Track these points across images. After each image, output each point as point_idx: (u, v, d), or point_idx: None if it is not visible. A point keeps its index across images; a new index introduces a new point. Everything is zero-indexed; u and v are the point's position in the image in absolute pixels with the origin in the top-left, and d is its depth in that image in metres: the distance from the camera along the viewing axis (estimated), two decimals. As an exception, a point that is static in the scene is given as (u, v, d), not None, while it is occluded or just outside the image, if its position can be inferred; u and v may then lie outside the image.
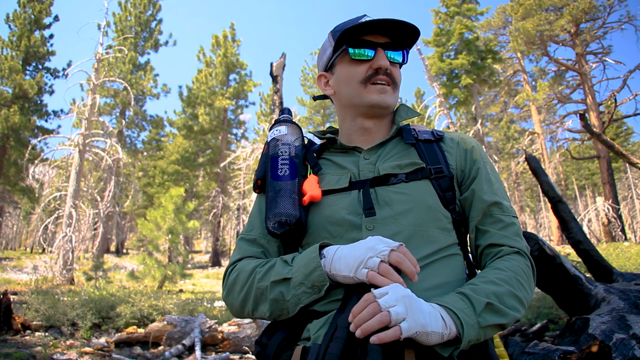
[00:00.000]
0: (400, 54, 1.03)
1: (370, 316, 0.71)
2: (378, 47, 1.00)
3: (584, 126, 5.62)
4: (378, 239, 0.82)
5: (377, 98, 1.00)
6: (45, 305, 5.36)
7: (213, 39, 26.15)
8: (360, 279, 0.79)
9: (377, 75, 1.00)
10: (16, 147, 18.62)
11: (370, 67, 1.00)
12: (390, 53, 1.01)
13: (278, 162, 1.00)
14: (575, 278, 3.01)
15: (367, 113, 1.04)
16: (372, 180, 0.97)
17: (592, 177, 33.99)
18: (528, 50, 21.70)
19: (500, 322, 0.81)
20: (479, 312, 0.79)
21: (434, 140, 1.05)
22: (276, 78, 6.68)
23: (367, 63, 1.00)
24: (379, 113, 1.04)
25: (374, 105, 1.01)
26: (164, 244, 11.39)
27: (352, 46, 1.00)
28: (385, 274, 0.77)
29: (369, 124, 1.06)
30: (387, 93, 1.01)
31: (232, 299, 0.95)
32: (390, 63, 1.00)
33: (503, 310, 0.82)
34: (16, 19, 19.52)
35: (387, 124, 1.08)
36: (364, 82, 1.01)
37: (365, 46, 1.00)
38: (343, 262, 0.81)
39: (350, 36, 1.00)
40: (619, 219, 18.95)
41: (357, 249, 0.81)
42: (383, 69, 0.99)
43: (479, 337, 0.79)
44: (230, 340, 4.57)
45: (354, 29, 0.98)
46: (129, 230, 37.00)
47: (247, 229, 1.05)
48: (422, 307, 0.74)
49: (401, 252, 0.79)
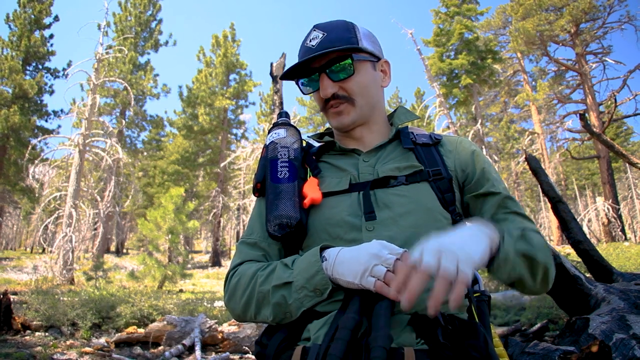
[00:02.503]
0: (348, 63, 1.01)
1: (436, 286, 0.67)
2: (320, 73, 1.02)
3: (584, 126, 5.62)
4: (381, 245, 0.81)
5: (335, 123, 1.06)
6: (45, 305, 5.36)
7: (213, 39, 26.15)
8: (366, 287, 0.78)
9: (328, 103, 1.04)
10: (16, 147, 18.63)
11: (321, 99, 1.05)
12: (336, 68, 1.01)
13: (277, 165, 1.00)
14: (576, 278, 3.01)
15: (340, 132, 1.09)
16: (372, 183, 0.97)
17: (592, 177, 34.01)
18: (528, 50, 21.71)
19: (532, 253, 0.86)
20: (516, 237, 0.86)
21: (431, 144, 1.06)
22: (276, 78, 6.67)
23: (319, 91, 1.04)
24: (347, 129, 1.07)
25: (337, 128, 1.07)
26: (164, 244, 11.39)
27: (302, 77, 1.06)
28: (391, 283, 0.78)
29: (352, 133, 1.09)
30: (343, 114, 1.03)
31: (234, 303, 0.95)
32: (340, 81, 1.02)
33: (534, 244, 0.87)
34: (16, 19, 19.53)
35: (379, 127, 1.10)
36: (323, 110, 1.07)
37: (311, 73, 1.04)
38: (346, 267, 0.81)
39: (299, 67, 1.04)
40: (619, 219, 18.96)
41: (361, 254, 0.81)
42: (330, 97, 1.03)
43: (511, 261, 0.83)
44: (230, 340, 4.57)
45: (297, 65, 1.03)
46: (129, 230, 37.01)
47: (247, 233, 1.05)
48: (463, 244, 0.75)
49: (404, 261, 0.79)
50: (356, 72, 1.03)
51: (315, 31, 1.03)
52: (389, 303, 0.77)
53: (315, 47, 1.00)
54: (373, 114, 1.09)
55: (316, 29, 1.03)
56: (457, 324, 0.82)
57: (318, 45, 1.00)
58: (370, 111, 1.07)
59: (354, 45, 1.01)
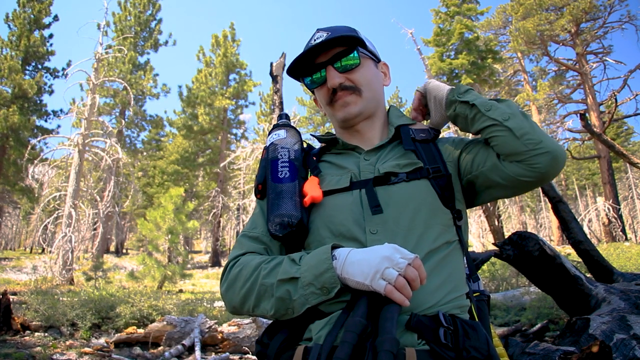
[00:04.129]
0: (353, 55, 1.05)
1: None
2: (327, 65, 1.05)
3: (585, 126, 5.61)
4: (394, 248, 0.81)
5: (342, 114, 1.06)
6: (45, 305, 5.35)
7: (213, 38, 26.14)
8: (377, 289, 0.78)
9: (335, 94, 1.06)
10: (16, 147, 18.62)
11: (328, 89, 1.06)
12: (343, 61, 1.05)
13: (278, 165, 1.01)
14: (576, 278, 3.00)
15: (345, 126, 1.10)
16: (374, 180, 0.98)
17: (592, 177, 34.03)
18: (528, 50, 21.72)
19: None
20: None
21: (430, 140, 1.07)
22: (276, 78, 6.67)
23: (325, 85, 1.07)
24: (353, 122, 1.08)
25: (345, 120, 1.07)
26: (164, 244, 11.38)
27: (306, 75, 1.09)
28: (401, 288, 0.77)
29: (356, 127, 1.10)
30: (351, 104, 1.05)
31: (233, 293, 0.94)
32: (346, 72, 1.05)
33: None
34: (16, 18, 19.52)
35: (379, 124, 1.11)
36: (329, 103, 1.08)
37: (317, 69, 1.07)
38: (357, 268, 0.80)
39: (304, 64, 1.08)
40: (619, 219, 18.96)
41: (372, 256, 0.80)
42: (337, 87, 1.05)
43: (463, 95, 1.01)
44: (230, 340, 4.56)
45: (303, 60, 1.06)
46: (128, 230, 37.00)
47: (250, 227, 1.05)
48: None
49: (415, 267, 0.79)
50: (362, 64, 1.06)
51: (319, 32, 1.06)
52: (397, 308, 0.77)
53: (320, 43, 1.02)
54: (377, 110, 1.11)
55: (320, 31, 1.07)
56: (458, 325, 0.81)
57: (323, 42, 1.02)
58: (375, 106, 1.09)
59: (359, 39, 1.05)
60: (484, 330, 0.84)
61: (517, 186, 0.96)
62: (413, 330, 0.80)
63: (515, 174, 0.93)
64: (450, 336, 0.79)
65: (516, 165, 0.92)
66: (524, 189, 0.97)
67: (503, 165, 0.94)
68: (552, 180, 1.58)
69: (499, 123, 0.94)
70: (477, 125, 0.98)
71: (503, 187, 0.98)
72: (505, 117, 0.94)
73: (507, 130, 0.92)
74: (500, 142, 0.94)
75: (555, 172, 0.92)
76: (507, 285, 7.38)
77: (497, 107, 0.96)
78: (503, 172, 0.95)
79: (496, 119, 0.94)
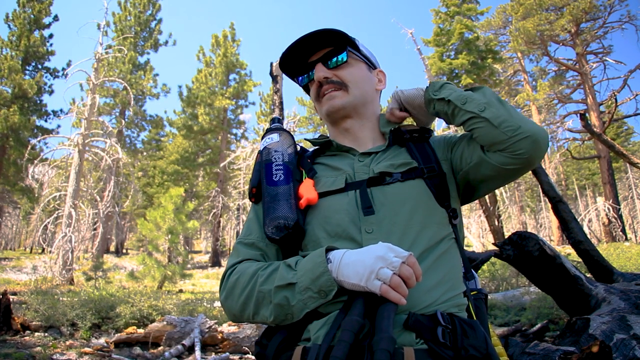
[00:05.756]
0: (343, 55, 1.08)
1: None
2: (317, 63, 1.08)
3: (585, 126, 5.60)
4: (388, 247, 0.81)
5: (327, 107, 1.09)
6: (45, 305, 5.35)
7: (213, 38, 26.13)
8: (372, 290, 0.78)
9: (321, 88, 1.08)
10: (16, 147, 18.61)
11: (317, 84, 1.09)
12: (332, 59, 1.08)
13: (272, 168, 1.01)
14: (576, 278, 3.00)
15: (333, 121, 1.12)
16: (368, 181, 0.98)
17: (592, 177, 34.02)
18: (528, 50, 21.71)
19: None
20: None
21: (424, 140, 1.09)
22: (276, 78, 6.66)
23: (315, 82, 1.10)
24: (340, 116, 1.10)
25: (329, 114, 1.10)
26: (164, 244, 11.38)
27: (300, 74, 1.14)
28: (396, 287, 0.77)
29: (344, 125, 1.11)
30: (336, 98, 1.07)
31: (232, 302, 0.94)
32: (334, 68, 1.08)
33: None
34: (16, 18, 19.51)
35: (369, 126, 1.12)
36: (317, 99, 1.11)
37: (309, 68, 1.11)
38: (351, 269, 0.80)
39: (297, 64, 1.12)
40: (619, 219, 18.96)
41: (367, 257, 0.80)
42: (323, 81, 1.08)
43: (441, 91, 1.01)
44: (230, 340, 4.56)
45: (296, 59, 1.10)
46: (128, 230, 37.00)
47: (245, 234, 1.04)
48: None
49: (410, 264, 0.79)
50: (351, 64, 1.09)
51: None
52: (393, 307, 0.77)
53: (312, 33, 1.06)
54: (365, 110, 1.11)
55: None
56: (456, 323, 0.81)
57: (314, 32, 1.06)
58: (362, 105, 1.10)
59: (350, 39, 1.08)
60: (482, 329, 0.84)
61: (505, 175, 0.96)
62: (411, 330, 0.80)
63: (500, 163, 0.93)
64: (448, 335, 0.79)
65: (499, 154, 0.92)
66: (512, 177, 0.97)
67: (488, 157, 0.95)
68: (539, 164, 1.56)
69: (477, 115, 0.94)
70: (457, 119, 0.99)
71: (493, 178, 0.98)
72: (481, 108, 0.94)
73: (485, 121, 0.92)
74: (481, 133, 0.94)
75: (539, 154, 0.91)
76: (507, 285, 7.38)
77: (473, 98, 0.96)
78: (489, 164, 0.95)
79: (472, 111, 0.94)
